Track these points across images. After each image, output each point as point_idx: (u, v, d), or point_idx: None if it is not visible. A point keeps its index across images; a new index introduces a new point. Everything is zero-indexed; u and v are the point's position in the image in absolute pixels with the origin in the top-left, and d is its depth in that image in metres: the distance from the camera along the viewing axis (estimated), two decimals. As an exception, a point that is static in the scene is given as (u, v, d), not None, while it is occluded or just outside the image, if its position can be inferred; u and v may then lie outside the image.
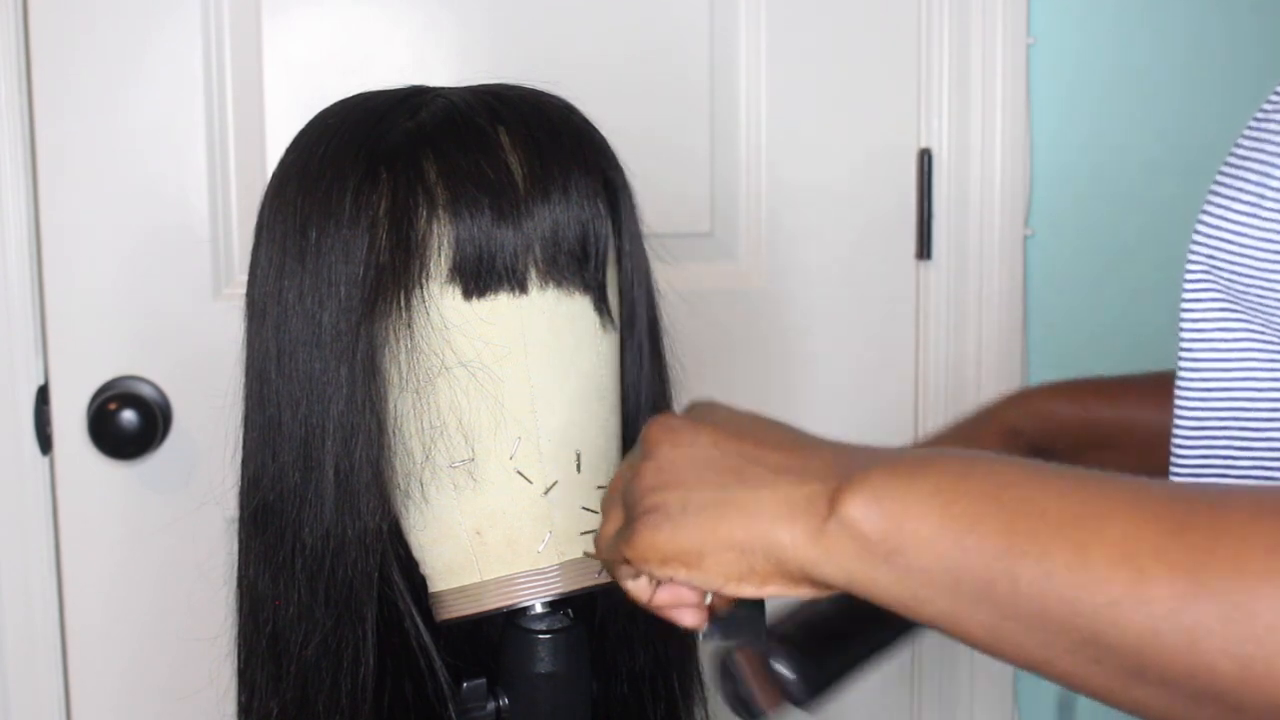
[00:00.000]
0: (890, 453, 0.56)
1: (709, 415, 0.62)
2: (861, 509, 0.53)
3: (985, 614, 0.51)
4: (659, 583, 0.63)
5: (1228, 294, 0.60)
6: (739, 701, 0.77)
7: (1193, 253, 0.61)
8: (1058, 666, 0.50)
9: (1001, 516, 0.50)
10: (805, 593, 0.57)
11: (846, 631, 0.82)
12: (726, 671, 0.76)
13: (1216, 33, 1.48)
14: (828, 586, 0.55)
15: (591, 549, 0.77)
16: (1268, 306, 0.59)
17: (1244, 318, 0.60)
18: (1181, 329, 0.62)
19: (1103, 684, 0.49)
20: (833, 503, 0.54)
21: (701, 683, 0.89)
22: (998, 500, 0.51)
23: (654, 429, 0.62)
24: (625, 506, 0.63)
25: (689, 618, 0.64)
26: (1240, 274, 0.59)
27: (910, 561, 0.52)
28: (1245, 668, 0.45)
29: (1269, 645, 0.44)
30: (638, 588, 0.64)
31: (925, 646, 1.54)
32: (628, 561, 0.61)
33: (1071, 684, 0.50)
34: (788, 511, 0.56)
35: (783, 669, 0.78)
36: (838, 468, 0.55)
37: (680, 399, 0.87)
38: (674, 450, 0.60)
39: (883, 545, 0.53)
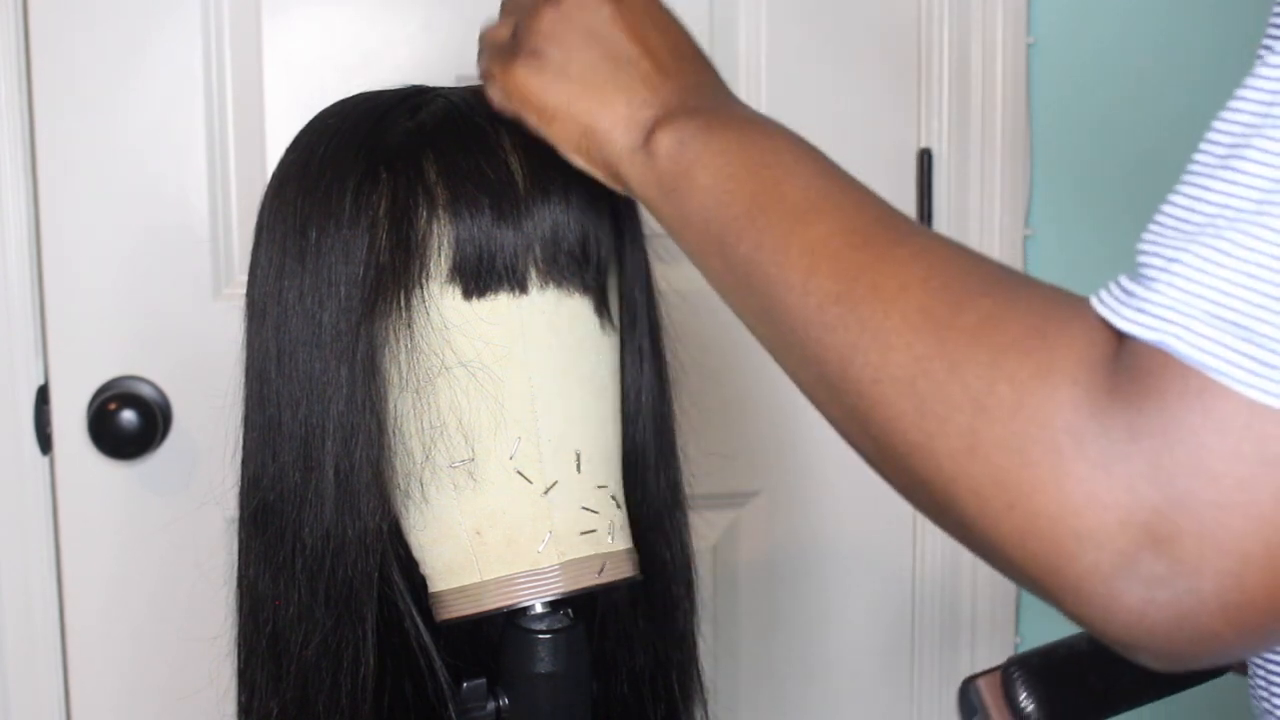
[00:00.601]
0: (720, 102, 0.64)
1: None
2: (666, 146, 0.62)
3: (717, 264, 0.59)
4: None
5: None
6: None
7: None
8: (754, 329, 0.58)
9: (754, 188, 0.58)
10: (620, 190, 0.67)
11: (1095, 671, 0.82)
12: (966, 699, 0.79)
13: (1216, 33, 1.47)
14: (630, 195, 0.65)
15: (592, 549, 0.77)
16: None
17: None
18: None
19: (778, 354, 0.57)
20: (651, 132, 0.63)
21: (701, 683, 0.89)
22: (759, 176, 0.58)
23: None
24: (516, 30, 0.69)
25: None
26: None
27: (683, 200, 0.61)
28: (862, 368, 0.51)
29: (881, 356, 0.50)
30: (492, 95, 0.72)
31: (925, 646, 1.54)
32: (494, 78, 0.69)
33: (769, 348, 0.57)
34: (626, 121, 0.64)
35: (1024, 699, 0.79)
36: (678, 102, 0.63)
37: (680, 399, 0.87)
38: (579, 12, 0.67)
39: (669, 180, 0.62)
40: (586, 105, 0.66)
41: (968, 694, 0.81)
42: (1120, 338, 0.46)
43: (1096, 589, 0.45)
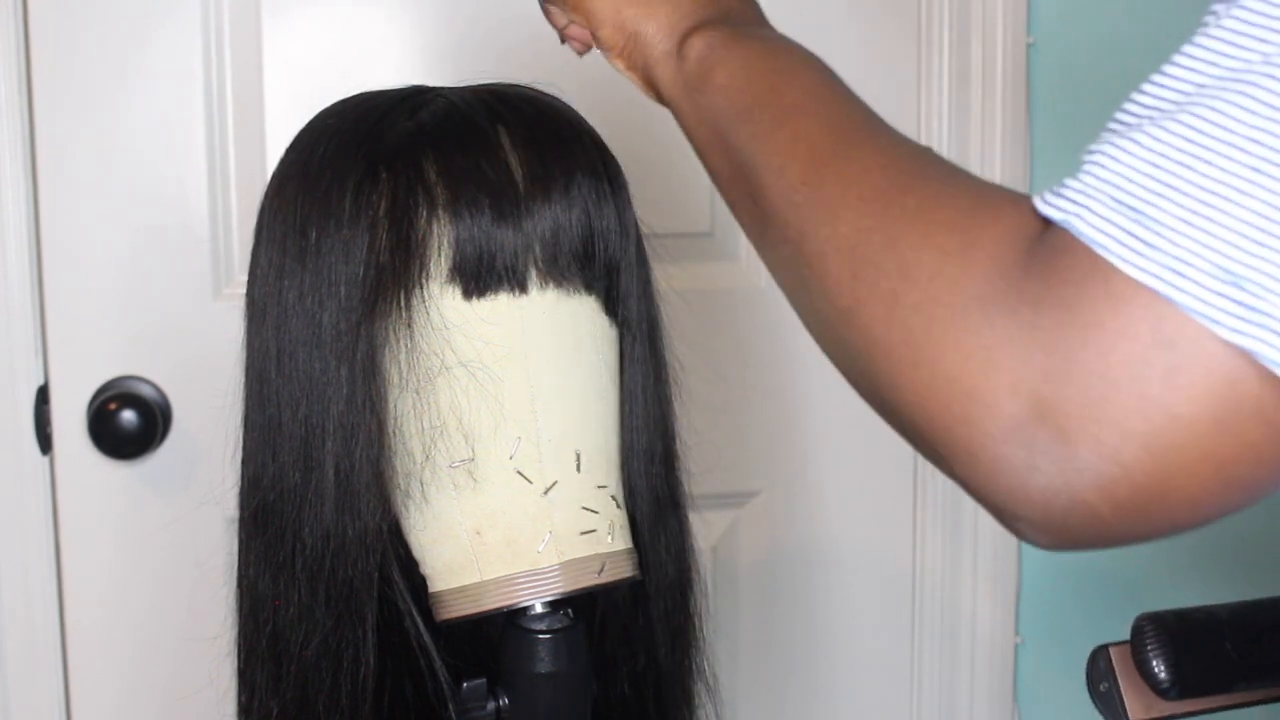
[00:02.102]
0: (751, 20, 0.71)
1: None
2: (696, 50, 0.67)
3: (719, 157, 0.65)
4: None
5: None
6: (1103, 696, 0.81)
7: None
8: (740, 218, 0.63)
9: (759, 88, 0.63)
10: (650, 95, 0.72)
11: (1233, 639, 0.83)
12: (1095, 665, 0.81)
13: (1216, 33, 1.47)
14: (658, 98, 0.70)
15: (592, 549, 0.77)
16: None
17: None
18: None
19: (757, 239, 0.62)
20: (686, 37, 0.68)
21: (704, 683, 0.89)
22: (766, 79, 0.64)
23: None
24: None
25: (579, 46, 0.79)
26: None
27: (700, 98, 0.66)
28: (813, 239, 0.55)
29: (831, 229, 0.55)
30: (553, 15, 0.78)
31: (925, 647, 1.54)
32: None
33: (751, 236, 0.62)
34: (667, 29, 0.70)
35: (1157, 664, 0.81)
36: (715, 15, 0.69)
37: (680, 399, 0.87)
38: None
39: (693, 80, 0.67)
40: (634, 12, 0.71)
41: (1097, 661, 0.83)
42: (1046, 224, 0.49)
43: (983, 452, 0.47)
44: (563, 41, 0.80)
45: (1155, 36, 1.49)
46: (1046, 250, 0.47)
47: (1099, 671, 0.86)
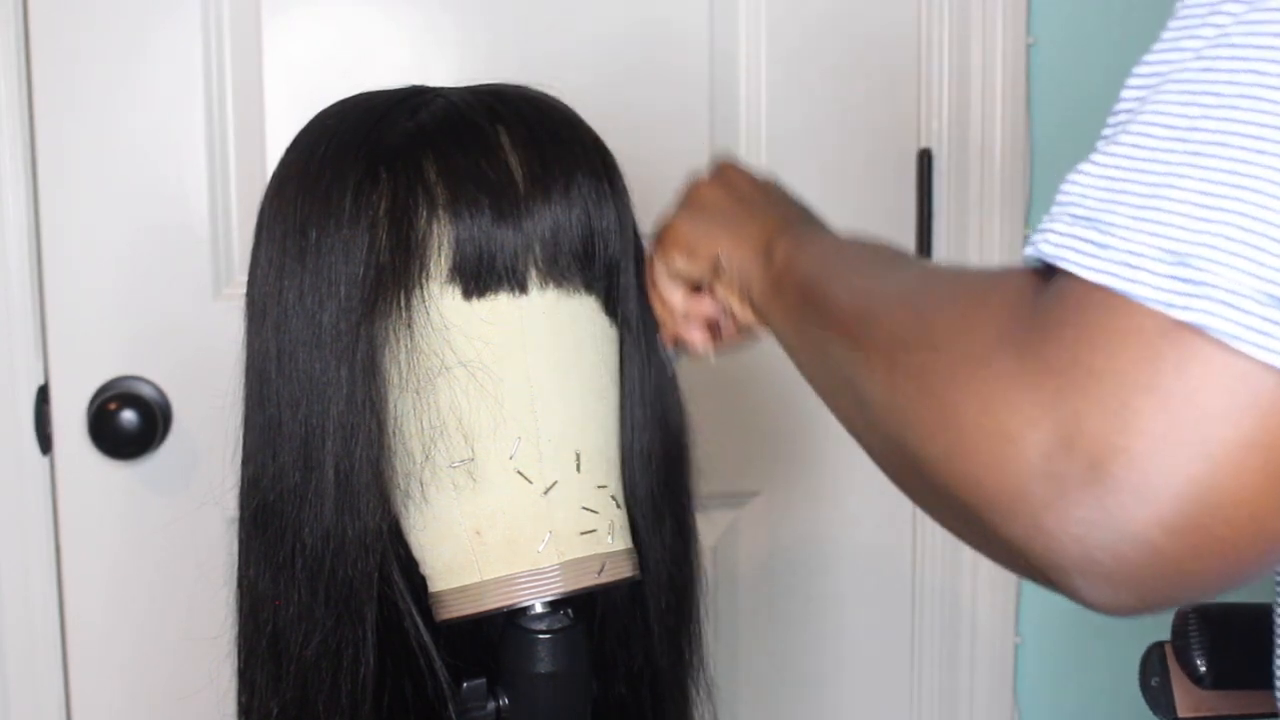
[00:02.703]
0: (810, 221, 0.81)
1: (735, 170, 0.87)
2: (780, 252, 0.75)
3: (794, 335, 0.71)
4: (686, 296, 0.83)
5: None
6: (1153, 692, 0.82)
7: None
8: (832, 403, 0.66)
9: (823, 293, 0.68)
10: (746, 312, 0.78)
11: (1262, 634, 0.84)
12: (1149, 661, 0.82)
13: (1216, 33, 1.47)
14: (753, 305, 0.77)
15: (591, 549, 0.77)
16: None
17: None
18: None
19: (826, 397, 0.66)
20: (769, 246, 0.76)
21: (704, 683, 0.89)
22: (833, 264, 0.71)
23: (723, 165, 0.87)
24: (679, 204, 0.85)
25: (697, 334, 0.84)
26: None
27: (786, 296, 0.72)
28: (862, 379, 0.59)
29: (869, 356, 0.58)
30: (666, 290, 0.83)
31: (925, 647, 1.54)
32: (659, 248, 0.83)
33: (847, 422, 0.64)
34: (752, 243, 0.77)
35: (1198, 656, 0.83)
36: (784, 224, 0.78)
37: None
38: (709, 185, 0.85)
39: (779, 275, 0.74)
40: (724, 232, 0.80)
41: (1150, 656, 0.84)
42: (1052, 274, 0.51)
43: (1018, 496, 0.48)
44: (676, 346, 0.86)
45: (1155, 37, 1.49)
46: (1049, 294, 0.49)
47: (1151, 667, 0.87)
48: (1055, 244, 0.48)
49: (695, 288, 0.82)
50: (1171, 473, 0.45)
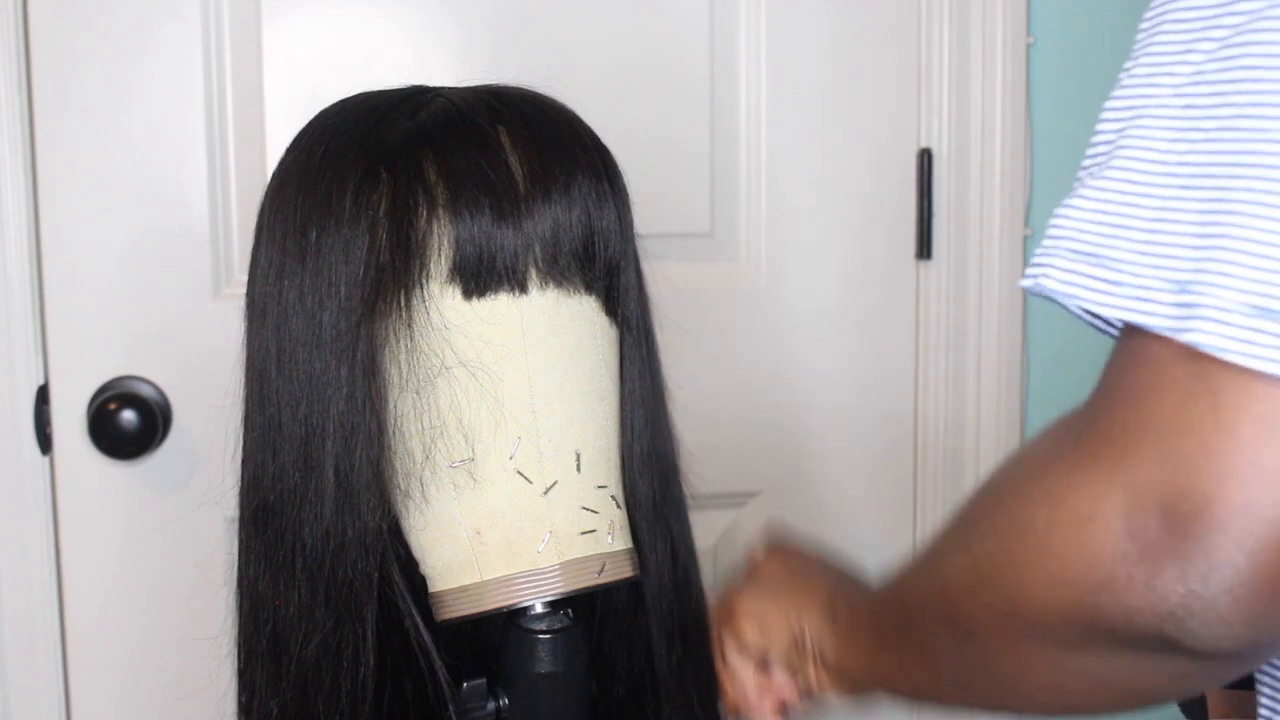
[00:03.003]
0: (854, 575, 0.85)
1: (791, 552, 0.91)
2: (843, 607, 0.80)
3: (903, 674, 0.72)
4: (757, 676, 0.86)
5: None
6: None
7: None
8: (967, 698, 0.69)
9: (881, 642, 0.75)
10: (819, 674, 0.82)
11: None
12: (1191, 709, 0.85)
13: (1216, 33, 1.47)
14: (828, 666, 0.81)
15: (591, 549, 0.77)
16: None
17: None
18: None
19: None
20: (832, 604, 0.81)
21: (704, 683, 0.89)
22: (883, 634, 0.75)
23: (777, 543, 0.92)
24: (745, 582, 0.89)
25: (769, 711, 0.86)
26: None
27: (859, 638, 0.78)
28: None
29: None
30: (737, 666, 0.86)
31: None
32: (728, 623, 0.87)
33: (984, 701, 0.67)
34: (817, 611, 0.82)
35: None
36: (838, 585, 0.83)
37: (680, 399, 0.87)
38: (766, 565, 0.90)
39: (848, 627, 0.80)
40: (789, 607, 0.84)
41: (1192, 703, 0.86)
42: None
43: (1113, 571, 0.51)
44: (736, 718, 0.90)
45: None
46: (1097, 389, 0.53)
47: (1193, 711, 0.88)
48: (1061, 280, 0.51)
49: (762, 663, 0.86)
50: (1236, 503, 0.48)
